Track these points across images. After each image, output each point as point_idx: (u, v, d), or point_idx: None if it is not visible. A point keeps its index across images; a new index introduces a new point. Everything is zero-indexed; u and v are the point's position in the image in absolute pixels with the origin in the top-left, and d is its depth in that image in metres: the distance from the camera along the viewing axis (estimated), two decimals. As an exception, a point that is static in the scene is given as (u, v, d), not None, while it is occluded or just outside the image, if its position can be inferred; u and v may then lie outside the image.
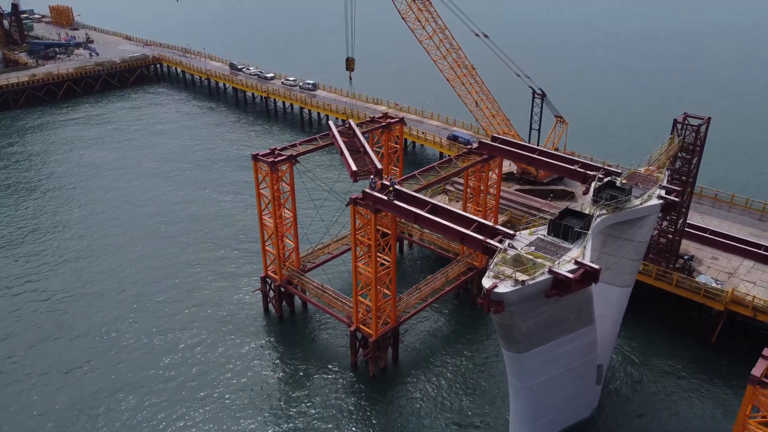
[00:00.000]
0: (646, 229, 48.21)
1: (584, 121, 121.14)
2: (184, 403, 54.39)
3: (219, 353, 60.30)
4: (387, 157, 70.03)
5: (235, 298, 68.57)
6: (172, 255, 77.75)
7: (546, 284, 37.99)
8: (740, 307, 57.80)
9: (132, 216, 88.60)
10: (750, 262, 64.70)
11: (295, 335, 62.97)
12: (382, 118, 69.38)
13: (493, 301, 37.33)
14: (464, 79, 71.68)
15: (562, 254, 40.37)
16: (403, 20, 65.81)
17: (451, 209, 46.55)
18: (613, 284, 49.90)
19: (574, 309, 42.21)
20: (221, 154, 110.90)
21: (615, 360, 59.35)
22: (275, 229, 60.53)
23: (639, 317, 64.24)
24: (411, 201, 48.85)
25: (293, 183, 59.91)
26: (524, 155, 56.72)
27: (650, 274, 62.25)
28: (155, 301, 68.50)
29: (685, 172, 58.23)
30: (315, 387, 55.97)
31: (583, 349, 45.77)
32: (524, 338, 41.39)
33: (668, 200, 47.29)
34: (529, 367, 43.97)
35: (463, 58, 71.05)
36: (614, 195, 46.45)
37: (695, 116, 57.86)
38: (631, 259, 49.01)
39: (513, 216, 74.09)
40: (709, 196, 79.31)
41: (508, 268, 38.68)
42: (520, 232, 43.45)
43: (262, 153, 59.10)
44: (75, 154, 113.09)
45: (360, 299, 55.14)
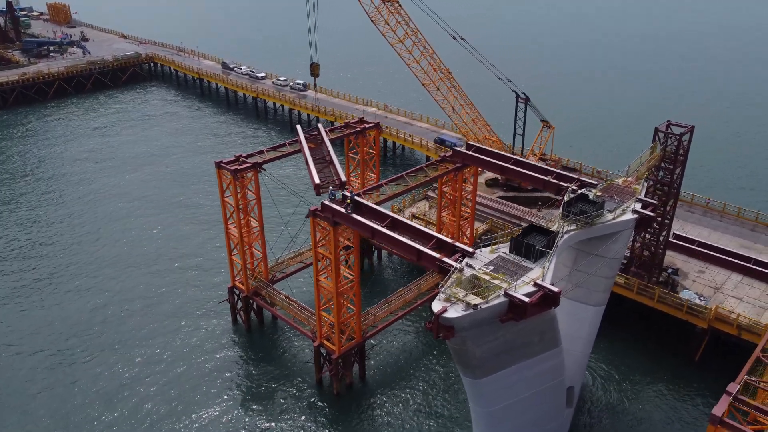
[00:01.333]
0: (619, 245, 45.56)
1: (575, 125, 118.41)
2: (141, 419, 52.39)
3: (182, 366, 58.18)
4: (363, 164, 67.74)
5: (204, 308, 66.49)
6: (142, 262, 75.81)
7: (501, 308, 35.51)
8: (724, 325, 55.03)
9: (102, 219, 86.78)
10: (738, 276, 61.83)
11: (261, 348, 60.82)
12: (357, 123, 67.07)
13: (443, 326, 34.94)
14: (440, 84, 69.17)
15: (523, 275, 37.95)
16: (373, 23, 63.34)
17: (410, 224, 44.15)
18: (585, 303, 47.39)
19: (537, 332, 39.73)
20: (201, 158, 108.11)
21: (591, 379, 56.81)
22: (240, 239, 58.40)
23: (620, 333, 61.66)
24: (371, 214, 46.53)
25: (259, 191, 57.72)
26: (497, 164, 54.16)
27: (632, 288, 59.59)
28: (119, 310, 66.54)
29: (668, 183, 55.46)
30: (277, 403, 53.81)
31: (548, 373, 43.27)
32: (480, 363, 38.97)
33: (643, 215, 44.70)
34: (488, 393, 41.57)
35: (438, 62, 68.54)
36: (585, 209, 43.96)
37: (678, 124, 55.08)
38: (604, 276, 46.41)
39: (494, 225, 71.57)
40: (701, 205, 76.42)
41: (461, 290, 36.29)
42: (480, 250, 41.01)
43: (226, 160, 56.99)
44: (54, 155, 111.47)
45: (323, 314, 52.91)
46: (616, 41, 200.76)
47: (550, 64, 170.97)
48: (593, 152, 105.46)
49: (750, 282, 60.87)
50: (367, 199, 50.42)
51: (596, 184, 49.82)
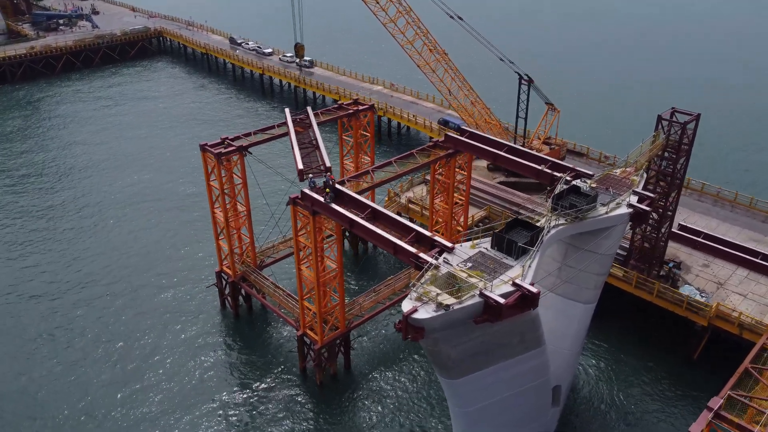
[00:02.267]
0: (612, 241, 43.19)
1: (583, 108, 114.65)
2: (120, 403, 51.88)
3: (165, 352, 57.43)
4: (357, 147, 65.66)
5: (193, 292, 65.54)
6: (133, 243, 75.04)
7: (475, 309, 33.63)
8: (725, 324, 52.56)
9: (95, 198, 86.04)
10: (744, 271, 59.02)
11: (248, 334, 59.84)
12: (350, 105, 64.83)
13: (412, 327, 33.25)
14: (435, 66, 66.40)
15: (502, 273, 36.01)
16: (363, 2, 60.46)
17: (391, 215, 42.17)
18: (575, 300, 45.32)
19: (516, 333, 37.88)
20: (201, 136, 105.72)
21: (584, 375, 54.95)
22: (226, 224, 57.05)
23: (617, 327, 59.60)
24: (352, 203, 44.69)
25: (245, 175, 56.07)
26: (489, 151, 51.75)
27: (630, 282, 57.23)
28: (104, 293, 65.92)
29: (670, 173, 52.61)
30: (258, 392, 52.89)
31: (531, 373, 41.51)
32: (454, 365, 37.33)
33: (638, 209, 42.25)
34: (465, 393, 40.00)
35: (434, 43, 65.65)
36: (576, 202, 41.63)
37: (684, 111, 52.03)
38: (594, 273, 44.22)
39: (492, 212, 69.29)
40: (711, 194, 73.20)
41: (435, 289, 34.47)
42: (460, 245, 39.04)
43: (211, 143, 55.37)
44: (58, 131, 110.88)
45: (306, 303, 51.56)
46: (627, 22, 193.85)
47: (557, 46, 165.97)
48: (601, 136, 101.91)
49: (756, 278, 58.06)
50: (352, 186, 48.60)
51: (591, 174, 47.35)
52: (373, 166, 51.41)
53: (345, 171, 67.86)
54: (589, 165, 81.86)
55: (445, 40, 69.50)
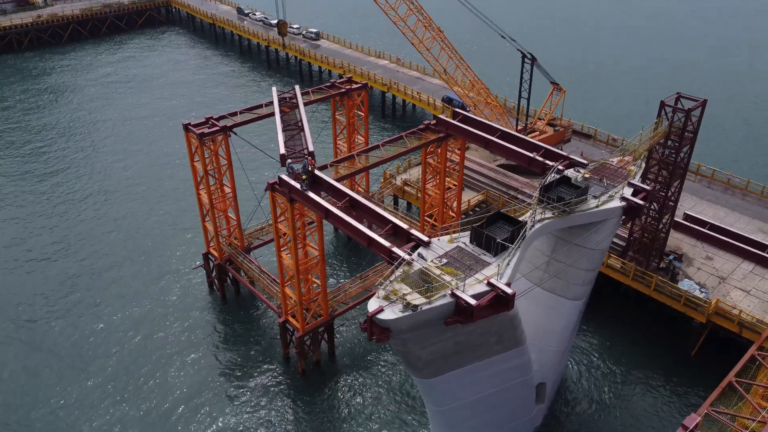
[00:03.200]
0: (602, 235, 40.93)
1: (590, 88, 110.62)
2: (103, 384, 51.44)
3: (148, 333, 56.72)
4: (349, 127, 63.49)
5: (181, 273, 64.61)
6: (122, 219, 74.18)
7: (446, 309, 31.87)
8: (725, 321, 50.22)
9: (88, 172, 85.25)
10: (749, 265, 56.34)
11: (233, 318, 58.84)
12: (343, 84, 62.49)
13: (377, 328, 31.64)
14: (430, 44, 63.50)
15: (479, 270, 34.10)
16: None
17: (369, 205, 40.23)
18: (562, 296, 43.32)
19: (493, 333, 36.09)
20: (199, 111, 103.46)
21: (575, 368, 53.21)
22: (210, 205, 55.62)
23: (613, 320, 57.64)
24: (331, 191, 42.85)
25: (230, 156, 54.39)
26: (481, 137, 49.29)
27: (628, 274, 54.95)
28: (90, 269, 65.34)
29: (672, 162, 49.77)
30: (239, 378, 52.03)
31: (511, 372, 39.88)
32: (425, 365, 35.74)
33: (631, 203, 39.86)
34: (439, 393, 38.55)
35: (429, 19, 62.58)
36: (565, 195, 39.34)
37: (689, 97, 48.96)
38: (583, 268, 42.08)
39: (489, 196, 67.00)
40: (721, 181, 70.02)
41: (405, 287, 32.73)
42: (438, 239, 37.10)
43: (195, 122, 53.65)
44: (58, 102, 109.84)
45: (288, 291, 50.23)
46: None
47: (564, 23, 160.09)
48: (610, 118, 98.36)
49: (762, 272, 55.38)
50: (340, 170, 46.66)
51: (585, 164, 44.83)
52: (357, 151, 49.31)
53: (338, 152, 65.97)
54: (596, 147, 79.01)
55: (442, 17, 66.37)
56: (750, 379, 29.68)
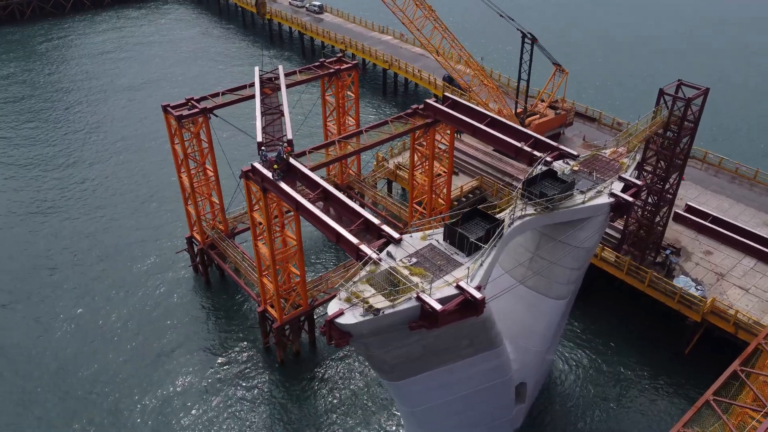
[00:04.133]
0: (588, 233, 38.77)
1: (595, 70, 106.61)
2: (79, 369, 50.86)
3: (128, 318, 55.89)
4: (339, 109, 61.33)
5: (166, 256, 63.47)
6: (107, 200, 73.11)
7: (411, 314, 30.15)
8: (720, 321, 48.04)
9: (75, 152, 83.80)
10: (750, 261, 53.81)
11: (216, 304, 57.68)
12: (333, 63, 60.14)
13: (337, 332, 30.08)
14: (421, 23, 60.69)
15: (449, 271, 32.29)
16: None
17: (342, 198, 38.32)
18: (545, 295, 41.42)
19: (464, 336, 34.44)
20: (194, 88, 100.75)
21: (564, 363, 51.54)
22: (191, 189, 54.15)
23: (606, 315, 55.73)
24: (305, 181, 41.03)
25: (211, 138, 52.65)
26: (468, 124, 46.95)
27: (622, 268, 52.79)
28: (72, 248, 64.45)
29: (670, 154, 47.13)
30: (216, 367, 51.00)
31: (487, 374, 38.32)
32: (392, 369, 34.26)
33: (619, 199, 37.63)
34: (409, 395, 37.16)
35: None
36: (550, 188, 37.18)
37: (691, 85, 46.07)
38: (567, 267, 40.07)
39: (484, 182, 64.73)
40: (729, 169, 66.97)
41: (369, 288, 31.06)
42: (410, 236, 35.23)
43: (174, 104, 51.84)
44: (53, 75, 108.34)
45: (265, 280, 48.85)
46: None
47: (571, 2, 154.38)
48: (617, 101, 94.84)
49: (763, 269, 52.86)
50: (308, 160, 44.72)
51: (576, 155, 42.53)
52: (339, 137, 47.26)
53: (329, 134, 63.97)
54: (600, 131, 76.10)
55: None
56: (731, 397, 27.74)
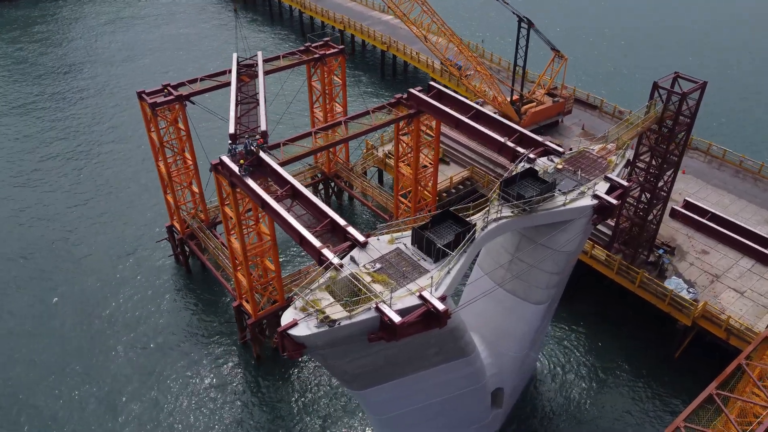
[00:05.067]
0: (570, 236, 36.76)
1: (598, 56, 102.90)
2: (51, 359, 50.10)
3: (105, 307, 54.89)
4: (325, 96, 59.26)
5: (149, 245, 62.22)
6: (89, 182, 71.81)
7: (369, 325, 28.54)
8: (712, 326, 46.02)
9: (63, 130, 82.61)
10: (748, 262, 51.47)
11: (195, 295, 56.50)
12: (319, 48, 57.88)
13: (291, 343, 28.55)
14: (408, 7, 58.05)
15: (414, 279, 30.54)
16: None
17: (310, 197, 36.48)
18: (524, 299, 39.61)
19: (431, 346, 32.80)
20: (183, 69, 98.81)
21: (551, 362, 49.96)
22: (169, 178, 52.65)
23: (594, 315, 53.94)
24: (275, 176, 39.26)
25: (188, 126, 50.91)
26: (451, 116, 44.76)
27: (612, 267, 50.75)
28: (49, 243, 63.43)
29: (663, 152, 44.66)
30: (192, 361, 49.95)
31: (458, 381, 36.76)
32: (353, 379, 32.77)
33: (603, 201, 35.55)
34: (375, 403, 35.74)
35: (406, -21, 57.04)
36: (530, 188, 35.19)
37: (688, 78, 43.42)
38: (547, 271, 38.15)
39: (475, 173, 62.57)
40: (732, 163, 64.22)
41: (328, 297, 29.44)
42: (378, 238, 33.45)
43: (150, 90, 50.09)
44: (42, 56, 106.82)
45: (239, 275, 47.44)
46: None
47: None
48: (620, 89, 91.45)
49: (761, 271, 50.55)
50: (280, 154, 42.81)
51: (561, 152, 40.34)
52: (316, 128, 45.28)
53: (316, 121, 61.99)
54: (601, 119, 73.41)
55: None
56: (704, 425, 25.97)
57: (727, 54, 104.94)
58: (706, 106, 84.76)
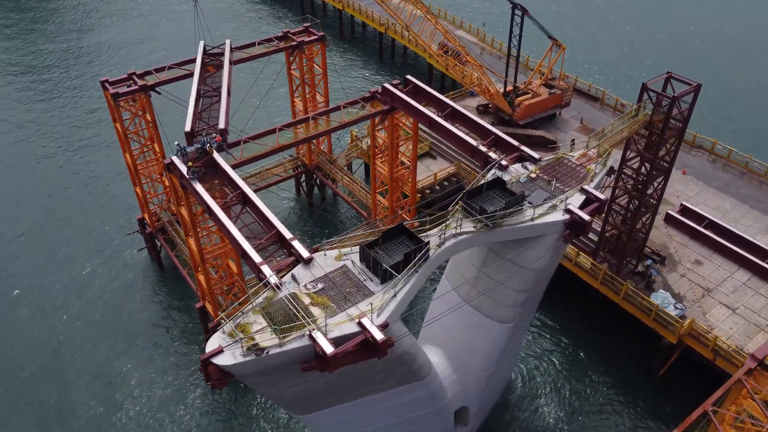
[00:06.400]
0: (539, 253, 34.00)
1: (600, 45, 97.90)
2: (13, 357, 48.90)
3: (72, 301, 53.41)
4: (305, 85, 56.43)
5: (120, 238, 60.34)
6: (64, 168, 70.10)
7: (302, 353, 26.33)
8: (698, 345, 43.17)
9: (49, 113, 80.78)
10: (745, 274, 48.20)
11: (166, 291, 54.76)
12: (298, 34, 54.89)
13: (216, 371, 26.42)
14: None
15: (357, 302, 28.17)
16: None
17: (259, 206, 33.82)
18: (489, 316, 37.08)
19: (378, 371, 30.54)
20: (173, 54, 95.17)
21: (529, 372, 47.57)
22: (135, 170, 50.58)
23: (577, 325, 51.27)
24: (225, 179, 36.81)
25: (153, 116, 48.55)
26: (424, 115, 41.79)
27: (597, 276, 47.91)
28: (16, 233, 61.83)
29: (651, 158, 41.32)
30: (154, 360, 48.44)
31: (413, 404, 34.61)
32: (291, 404, 30.74)
33: (575, 217, 32.69)
34: (321, 427, 33.73)
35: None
36: (497, 200, 32.46)
37: (681, 79, 39.82)
38: (514, 289, 35.51)
39: (461, 169, 59.61)
40: (738, 163, 60.43)
41: (261, 320, 27.23)
42: (324, 254, 31.02)
43: (114, 79, 47.70)
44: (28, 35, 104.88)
45: (199, 277, 45.43)
46: None
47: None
48: (624, 79, 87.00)
49: (757, 285, 47.28)
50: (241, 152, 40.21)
51: (538, 159, 37.33)
52: (280, 125, 42.57)
53: (296, 111, 59.28)
54: (602, 112, 69.72)
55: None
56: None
57: (750, 44, 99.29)
58: (715, 101, 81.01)
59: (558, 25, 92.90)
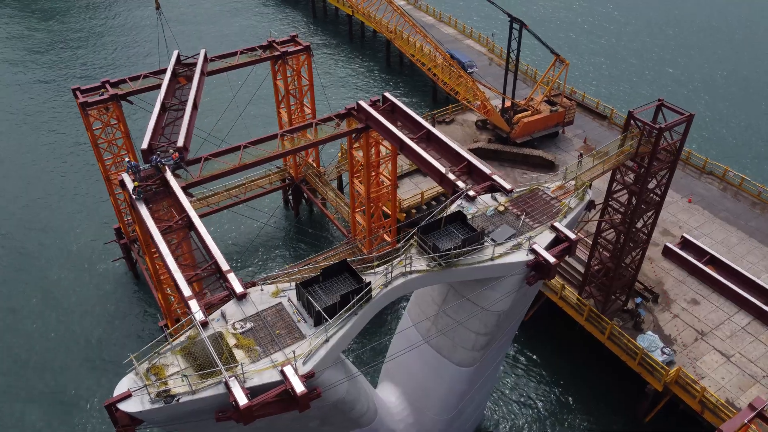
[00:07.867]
0: (500, 294, 31.29)
1: (608, 61, 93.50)
2: None
3: (48, 310, 52.48)
4: (289, 98, 54.48)
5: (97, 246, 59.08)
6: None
7: (218, 402, 24.30)
8: (685, 395, 39.79)
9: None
10: (744, 318, 44.49)
11: (141, 303, 53.37)
12: (283, 44, 52.95)
13: (124, 417, 24.48)
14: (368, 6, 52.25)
15: (285, 346, 25.98)
16: None
17: (202, 233, 31.80)
18: (447, 358, 34.53)
19: (311, 419, 28.32)
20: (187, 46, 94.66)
21: (500, 409, 44.72)
22: (107, 180, 49.27)
23: (558, 360, 48.10)
24: (174, 202, 34.90)
25: (126, 126, 47.16)
26: (395, 136, 39.34)
27: (582, 312, 44.81)
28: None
29: (637, 191, 38.05)
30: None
31: (358, 451, 32.27)
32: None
33: (539, 258, 29.97)
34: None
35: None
36: (448, 240, 29.97)
37: (672, 108, 36.53)
38: (474, 331, 32.88)
39: (451, 188, 56.81)
40: (750, 192, 56.48)
41: (181, 362, 25.23)
42: (261, 288, 28.87)
43: (86, 87, 46.39)
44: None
45: (160, 297, 43.79)
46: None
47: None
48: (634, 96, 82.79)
49: (758, 330, 43.53)
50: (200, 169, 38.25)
51: (510, 190, 34.60)
52: (246, 142, 40.56)
53: (282, 122, 57.39)
54: (610, 131, 66.26)
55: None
56: None
57: (750, 66, 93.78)
58: (729, 126, 76.34)
59: (570, 38, 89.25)
